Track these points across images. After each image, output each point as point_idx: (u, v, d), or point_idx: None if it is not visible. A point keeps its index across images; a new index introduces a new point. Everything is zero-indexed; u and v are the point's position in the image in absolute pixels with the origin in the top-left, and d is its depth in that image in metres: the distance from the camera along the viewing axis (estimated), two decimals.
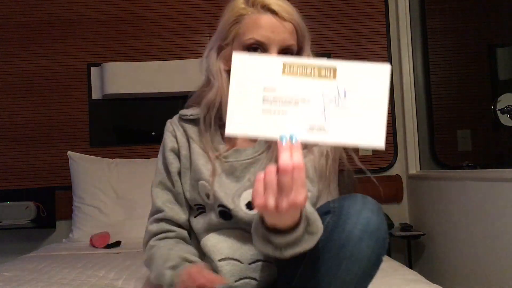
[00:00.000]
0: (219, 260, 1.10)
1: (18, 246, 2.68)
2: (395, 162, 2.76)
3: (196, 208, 1.17)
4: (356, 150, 1.21)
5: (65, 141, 2.73)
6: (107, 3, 2.79)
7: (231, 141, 1.15)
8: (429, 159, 2.67)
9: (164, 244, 1.15)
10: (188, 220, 1.19)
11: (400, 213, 2.73)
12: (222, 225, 1.13)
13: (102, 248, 2.19)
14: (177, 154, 1.19)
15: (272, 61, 0.75)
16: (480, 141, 2.56)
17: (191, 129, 1.19)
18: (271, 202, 0.74)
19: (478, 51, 2.59)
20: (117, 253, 2.07)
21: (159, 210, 1.18)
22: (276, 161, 0.74)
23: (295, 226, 0.85)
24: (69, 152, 2.58)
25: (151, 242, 1.18)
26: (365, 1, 2.80)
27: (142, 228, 2.38)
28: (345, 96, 0.74)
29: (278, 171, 0.73)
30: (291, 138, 0.73)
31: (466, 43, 2.63)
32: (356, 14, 2.79)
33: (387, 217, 2.54)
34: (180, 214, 1.18)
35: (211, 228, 1.14)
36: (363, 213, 0.96)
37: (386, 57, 2.78)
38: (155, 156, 2.88)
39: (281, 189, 0.73)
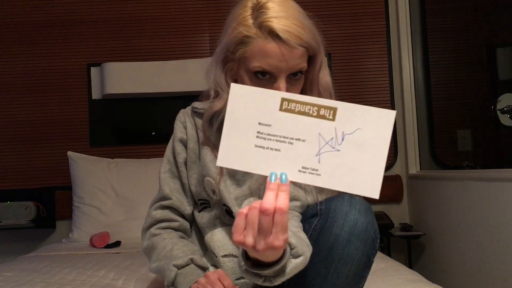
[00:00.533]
0: (223, 256, 1.10)
1: (18, 246, 2.68)
2: (395, 162, 2.76)
3: (200, 203, 1.17)
4: None
5: (65, 141, 2.72)
6: (107, 3, 2.79)
7: None
8: (429, 159, 2.67)
9: (167, 236, 1.14)
10: (192, 214, 1.19)
11: (400, 213, 2.73)
12: (229, 221, 1.13)
13: (102, 248, 2.18)
14: (185, 145, 1.18)
15: (270, 96, 0.72)
16: (480, 141, 2.56)
17: (203, 122, 1.17)
18: (250, 240, 0.73)
19: (478, 51, 2.58)
20: (117, 253, 2.07)
21: (166, 198, 1.18)
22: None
23: (278, 260, 0.82)
24: (69, 152, 2.58)
25: (153, 230, 1.17)
26: (365, 1, 2.80)
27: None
28: (343, 139, 0.71)
29: (259, 211, 0.71)
30: (281, 177, 0.71)
31: (466, 43, 2.63)
32: (356, 14, 2.79)
33: (387, 217, 2.54)
34: (186, 206, 1.18)
35: (217, 224, 1.14)
36: (350, 215, 0.95)
37: (386, 57, 2.78)
38: (155, 156, 2.91)
39: (261, 230, 0.72)
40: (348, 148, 0.71)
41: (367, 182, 0.70)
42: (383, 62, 2.79)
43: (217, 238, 1.12)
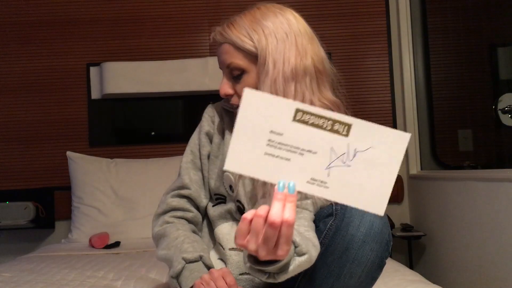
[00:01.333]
0: (230, 249, 1.11)
1: (17, 247, 2.67)
2: None
3: (216, 198, 1.18)
4: None
5: (64, 141, 2.72)
6: (106, 3, 2.78)
7: None
8: (430, 159, 2.67)
9: (181, 227, 1.14)
10: (206, 207, 1.20)
11: (401, 213, 2.72)
12: (239, 217, 1.13)
13: (101, 248, 2.18)
14: (211, 139, 1.19)
15: (285, 104, 0.72)
16: (481, 141, 2.56)
17: (229, 120, 1.18)
18: (252, 246, 0.74)
19: (479, 50, 2.58)
20: (117, 253, 2.06)
21: (185, 187, 1.18)
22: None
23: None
24: (68, 152, 2.58)
25: (167, 217, 1.17)
26: (366, 0, 2.79)
27: (141, 228, 2.40)
28: (354, 155, 0.71)
29: (266, 222, 0.72)
30: (289, 185, 0.72)
31: (467, 43, 2.63)
32: (357, 13, 2.79)
33: (388, 218, 2.54)
34: (202, 198, 1.18)
35: (228, 217, 1.15)
36: (366, 216, 0.96)
37: (387, 56, 2.77)
38: (155, 156, 2.90)
39: (264, 240, 0.72)
40: (359, 165, 0.71)
41: (374, 200, 0.71)
42: (383, 62, 2.78)
43: (227, 231, 1.13)
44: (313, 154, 0.72)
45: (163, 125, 2.74)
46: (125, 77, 2.64)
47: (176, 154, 2.47)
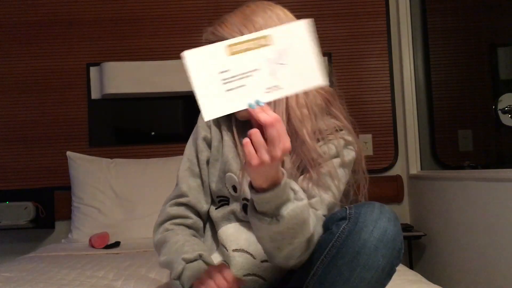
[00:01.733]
0: (233, 250, 1.11)
1: (17, 247, 2.67)
2: (395, 162, 2.75)
3: (219, 201, 1.18)
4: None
5: (64, 141, 2.72)
6: (106, 3, 2.78)
7: None
8: (430, 159, 2.67)
9: (181, 232, 1.16)
10: (208, 211, 1.20)
11: (401, 213, 2.72)
12: (244, 217, 1.14)
13: (101, 248, 2.18)
14: (209, 144, 1.20)
15: (218, 47, 0.85)
16: (481, 141, 2.56)
17: (225, 122, 1.19)
18: (266, 157, 0.84)
19: (479, 50, 2.58)
20: (117, 253, 2.06)
21: (183, 195, 1.19)
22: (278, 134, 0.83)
23: (279, 181, 0.90)
24: (68, 152, 2.57)
25: (167, 225, 1.18)
26: (366, 0, 2.79)
27: (141, 228, 2.40)
28: (284, 54, 0.87)
29: (262, 129, 0.84)
30: (257, 103, 0.84)
31: (467, 43, 2.63)
32: (357, 13, 2.79)
33: None
34: (203, 203, 1.19)
35: (232, 218, 1.16)
36: (380, 222, 0.96)
37: (387, 56, 2.77)
38: (155, 156, 2.90)
39: (271, 142, 0.83)
40: (290, 58, 0.87)
41: (312, 76, 0.88)
42: (383, 62, 2.78)
43: (231, 232, 1.14)
44: (258, 71, 0.86)
45: (163, 125, 2.74)
46: (125, 77, 2.64)
47: (176, 154, 2.47)
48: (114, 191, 2.45)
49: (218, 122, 1.20)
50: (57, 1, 2.77)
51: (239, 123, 1.17)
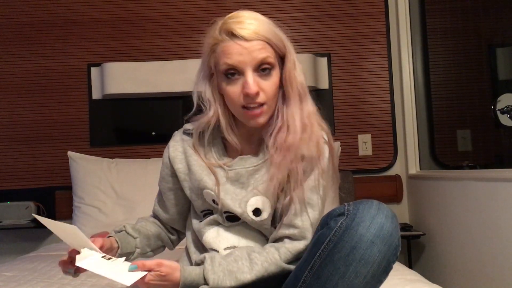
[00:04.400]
0: (225, 248, 1.15)
1: (18, 246, 2.68)
2: (395, 162, 2.76)
3: (203, 214, 1.22)
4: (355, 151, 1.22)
5: (65, 141, 2.73)
6: (107, 3, 2.79)
7: (235, 152, 1.21)
8: (429, 159, 2.67)
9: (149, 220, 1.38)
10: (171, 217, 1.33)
11: (400, 213, 2.73)
12: (228, 224, 1.19)
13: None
14: (170, 168, 1.28)
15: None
16: (480, 141, 2.57)
17: (194, 143, 1.23)
18: None
19: (478, 51, 2.59)
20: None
21: (157, 217, 1.40)
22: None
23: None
24: (69, 152, 2.58)
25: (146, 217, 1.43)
26: (365, 1, 2.80)
27: None
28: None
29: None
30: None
31: (466, 43, 2.63)
32: (356, 14, 2.80)
33: None
34: (175, 222, 1.34)
35: (213, 223, 1.20)
36: (377, 218, 0.98)
37: (386, 57, 2.78)
38: (155, 156, 2.91)
39: None
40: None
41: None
42: (383, 62, 2.79)
43: (217, 234, 1.18)
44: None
45: (163, 125, 2.75)
46: (126, 78, 2.65)
47: None
48: (115, 191, 2.46)
49: (183, 143, 1.25)
50: (58, 2, 2.78)
51: (210, 139, 1.22)
